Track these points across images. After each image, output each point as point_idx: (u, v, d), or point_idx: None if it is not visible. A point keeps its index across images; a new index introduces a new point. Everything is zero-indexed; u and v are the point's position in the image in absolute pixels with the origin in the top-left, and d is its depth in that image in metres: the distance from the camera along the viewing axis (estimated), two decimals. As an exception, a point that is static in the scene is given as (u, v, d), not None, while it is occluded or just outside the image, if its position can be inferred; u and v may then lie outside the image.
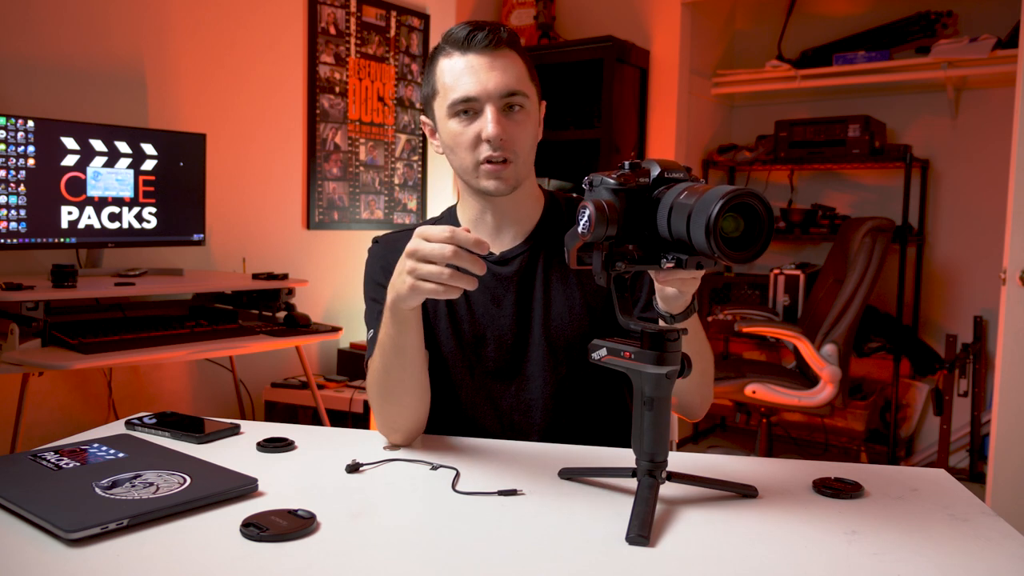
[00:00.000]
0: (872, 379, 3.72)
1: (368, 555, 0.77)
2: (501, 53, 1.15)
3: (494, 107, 1.13)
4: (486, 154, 1.15)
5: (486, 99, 1.13)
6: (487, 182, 1.17)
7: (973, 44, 3.14)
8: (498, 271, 1.23)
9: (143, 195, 2.47)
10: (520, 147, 1.17)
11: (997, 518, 0.89)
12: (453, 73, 1.15)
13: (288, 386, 2.92)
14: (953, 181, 3.59)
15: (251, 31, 2.96)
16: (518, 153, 1.16)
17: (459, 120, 1.15)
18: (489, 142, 1.14)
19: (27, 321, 2.00)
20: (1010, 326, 2.47)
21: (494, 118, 1.13)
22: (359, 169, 3.40)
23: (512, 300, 1.23)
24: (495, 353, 1.22)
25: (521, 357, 1.22)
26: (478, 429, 1.24)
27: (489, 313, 1.23)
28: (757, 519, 0.88)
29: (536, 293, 1.23)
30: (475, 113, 1.15)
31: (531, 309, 1.23)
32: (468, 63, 1.14)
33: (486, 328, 1.23)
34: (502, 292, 1.23)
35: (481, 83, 1.13)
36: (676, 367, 0.86)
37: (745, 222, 0.78)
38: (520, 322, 1.22)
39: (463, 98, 1.14)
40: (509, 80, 1.14)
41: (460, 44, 1.14)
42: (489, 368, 1.23)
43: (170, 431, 1.15)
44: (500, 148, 1.14)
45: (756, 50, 3.96)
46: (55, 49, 2.42)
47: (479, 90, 1.13)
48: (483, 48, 1.14)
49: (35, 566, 0.73)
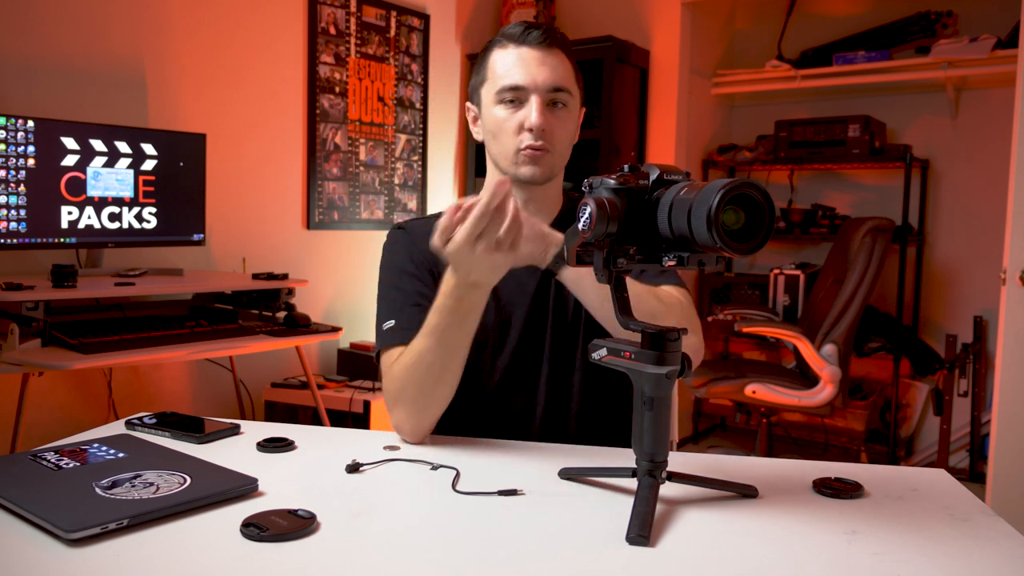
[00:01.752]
0: (872, 379, 3.72)
1: (368, 555, 0.77)
2: (553, 52, 1.20)
3: (540, 98, 1.18)
4: (528, 142, 1.19)
5: (533, 89, 1.18)
6: (525, 168, 1.21)
7: (973, 44, 3.14)
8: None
9: (143, 195, 2.47)
10: (559, 140, 1.21)
11: (997, 518, 0.89)
12: (505, 62, 1.20)
13: (288, 386, 2.92)
14: (953, 181, 3.59)
15: (251, 31, 2.96)
16: (556, 146, 1.21)
17: (505, 107, 1.20)
18: (531, 131, 1.18)
19: (27, 321, 2.00)
20: (1010, 326, 2.47)
21: (539, 108, 1.18)
22: (359, 169, 3.40)
23: (534, 288, 1.26)
24: (518, 336, 1.25)
25: (541, 342, 1.25)
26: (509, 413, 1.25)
27: (515, 298, 1.26)
28: (757, 519, 0.88)
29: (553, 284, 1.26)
30: (520, 103, 1.19)
31: (558, 297, 1.26)
32: (520, 55, 1.20)
33: (512, 312, 1.25)
34: (528, 280, 1.26)
35: (531, 74, 1.18)
36: (676, 367, 0.86)
37: (746, 214, 0.78)
38: (544, 310, 1.25)
39: (512, 86, 1.19)
40: (557, 76, 1.19)
41: (515, 38, 1.20)
42: (514, 350, 1.25)
43: (170, 431, 1.15)
44: (541, 138, 1.19)
45: (756, 50, 3.96)
46: (55, 49, 2.42)
47: (528, 80, 1.18)
48: (537, 44, 1.19)
49: (35, 566, 0.73)
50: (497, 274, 1.00)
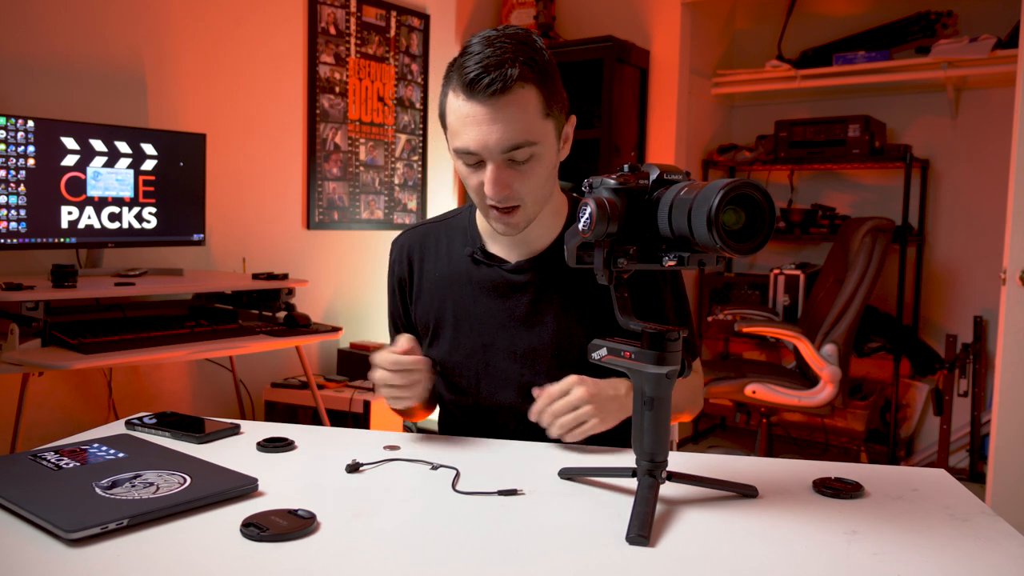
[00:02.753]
0: (872, 379, 3.72)
1: (368, 555, 0.77)
2: (508, 99, 1.06)
3: (495, 164, 1.09)
4: (492, 201, 1.12)
5: (487, 155, 1.08)
6: (498, 224, 1.16)
7: (973, 44, 3.14)
8: (512, 279, 1.23)
9: (143, 195, 2.47)
10: (527, 193, 1.13)
11: (997, 518, 0.89)
12: (457, 117, 1.09)
13: (288, 386, 2.92)
14: (953, 181, 3.59)
15: (251, 31, 2.96)
16: (525, 198, 1.13)
17: (464, 165, 1.13)
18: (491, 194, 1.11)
19: (27, 321, 2.00)
20: (1010, 326, 2.47)
21: (492, 177, 1.09)
22: (359, 169, 3.40)
23: (525, 308, 1.22)
24: (504, 361, 1.23)
25: (530, 366, 1.22)
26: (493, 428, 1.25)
27: (499, 321, 1.23)
28: (757, 519, 0.88)
29: (549, 305, 1.22)
30: (480, 163, 1.11)
31: (545, 316, 1.22)
32: (472, 112, 1.07)
33: (496, 335, 1.23)
34: (515, 299, 1.23)
35: (482, 138, 1.07)
36: (676, 367, 0.86)
37: (746, 214, 0.78)
38: (530, 330, 1.22)
39: (464, 150, 1.09)
40: (514, 133, 1.07)
41: (466, 87, 1.06)
42: (499, 375, 1.23)
43: (170, 431, 1.15)
44: (505, 200, 1.11)
45: (756, 50, 3.96)
46: (55, 49, 2.42)
47: (480, 146, 1.07)
48: (487, 97, 1.05)
49: (35, 566, 0.73)
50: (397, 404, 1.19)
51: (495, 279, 1.24)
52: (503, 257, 1.25)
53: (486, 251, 1.25)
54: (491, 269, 1.24)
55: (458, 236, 1.29)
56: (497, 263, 1.24)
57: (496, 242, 1.25)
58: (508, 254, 1.24)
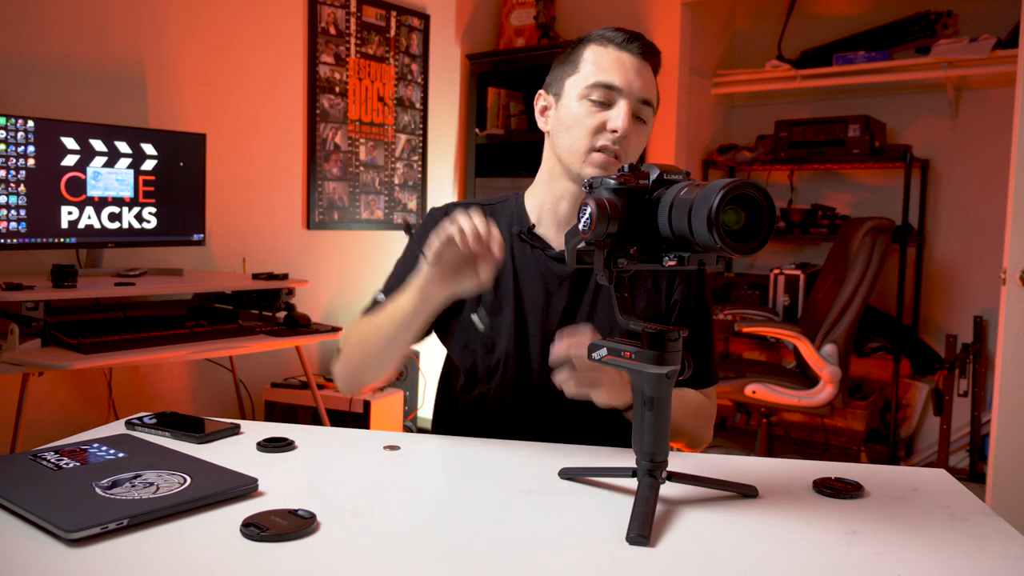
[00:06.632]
0: (872, 379, 3.72)
1: (368, 555, 0.77)
2: (650, 65, 1.21)
3: (629, 105, 1.17)
4: (605, 142, 1.17)
5: (627, 94, 1.17)
6: (591, 169, 1.18)
7: (973, 44, 3.14)
8: (555, 268, 1.24)
9: (143, 195, 2.47)
10: (632, 152, 1.20)
11: (997, 518, 0.89)
12: (603, 61, 1.18)
13: (288, 386, 2.92)
14: (953, 181, 3.59)
15: (251, 31, 2.96)
16: (627, 157, 1.19)
17: (590, 104, 1.18)
18: (614, 132, 1.16)
19: (27, 321, 2.00)
20: (1010, 326, 2.47)
21: (627, 114, 1.16)
22: (359, 169, 3.40)
23: (563, 299, 1.24)
24: (539, 350, 1.23)
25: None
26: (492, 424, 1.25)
27: (539, 307, 1.24)
28: (757, 519, 0.88)
29: (586, 296, 1.24)
30: (607, 105, 1.17)
31: (578, 311, 1.23)
32: (620, 58, 1.18)
33: (528, 318, 1.24)
34: (554, 288, 1.24)
35: (628, 79, 1.17)
36: (676, 367, 0.86)
37: (746, 214, 0.78)
38: (566, 321, 1.23)
39: (607, 84, 1.17)
40: (650, 90, 1.19)
41: (617, 41, 1.19)
42: (534, 365, 1.23)
43: (170, 431, 1.15)
44: (620, 143, 1.16)
45: (756, 50, 3.96)
46: (55, 49, 2.42)
47: (624, 83, 1.16)
48: (637, 53, 1.19)
49: (35, 566, 0.73)
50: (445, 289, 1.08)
51: (537, 262, 1.25)
52: (549, 243, 1.25)
53: (533, 231, 1.26)
54: (535, 252, 1.25)
55: (503, 218, 1.30)
56: (541, 247, 1.25)
57: (545, 226, 1.26)
58: (555, 240, 1.25)
